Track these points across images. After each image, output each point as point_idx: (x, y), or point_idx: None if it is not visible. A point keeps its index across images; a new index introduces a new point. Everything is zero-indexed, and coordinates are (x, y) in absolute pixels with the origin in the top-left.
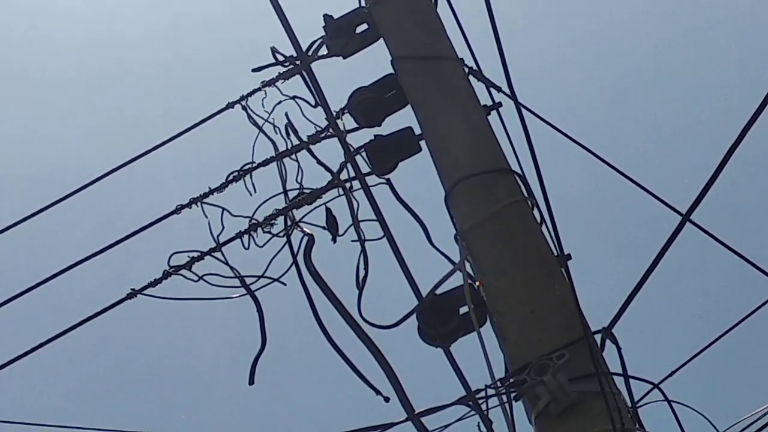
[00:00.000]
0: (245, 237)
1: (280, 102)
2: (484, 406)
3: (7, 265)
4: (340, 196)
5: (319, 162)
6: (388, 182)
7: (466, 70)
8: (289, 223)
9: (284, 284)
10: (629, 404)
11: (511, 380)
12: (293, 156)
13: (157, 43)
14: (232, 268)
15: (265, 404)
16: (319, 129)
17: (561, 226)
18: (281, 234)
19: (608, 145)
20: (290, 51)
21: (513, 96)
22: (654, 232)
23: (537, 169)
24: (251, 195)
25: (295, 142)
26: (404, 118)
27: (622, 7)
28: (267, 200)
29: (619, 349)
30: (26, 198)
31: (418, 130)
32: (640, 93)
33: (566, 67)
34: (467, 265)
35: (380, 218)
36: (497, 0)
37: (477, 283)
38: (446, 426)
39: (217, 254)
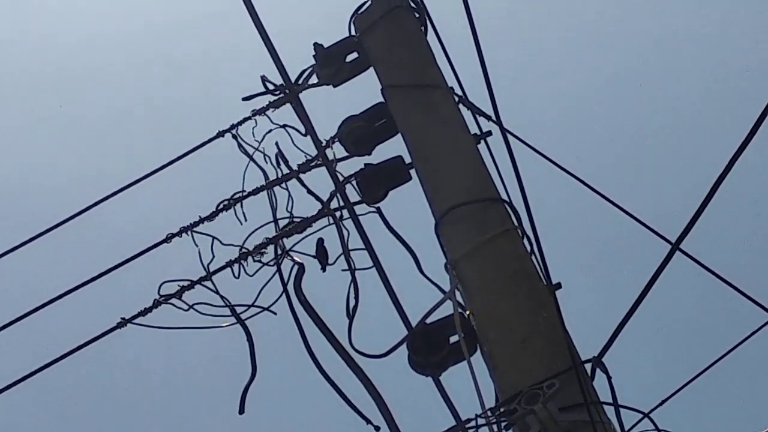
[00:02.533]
0: (235, 266)
1: (270, 131)
2: None
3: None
4: (330, 225)
5: (309, 191)
6: (378, 211)
7: (456, 98)
8: (279, 252)
9: (274, 313)
10: None
11: (502, 409)
12: (283, 185)
13: (147, 70)
14: (222, 297)
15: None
16: (309, 158)
17: (550, 255)
18: (271, 263)
19: (598, 173)
20: (280, 80)
21: (500, 124)
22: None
23: (524, 199)
24: (241, 224)
25: (285, 171)
26: (394, 147)
27: (608, 31)
28: (257, 229)
29: (609, 378)
30: (16, 224)
31: (408, 159)
32: (630, 123)
33: (555, 94)
34: (457, 294)
35: (370, 247)
36: (485, 29)
37: (467, 312)
38: None
39: (208, 283)
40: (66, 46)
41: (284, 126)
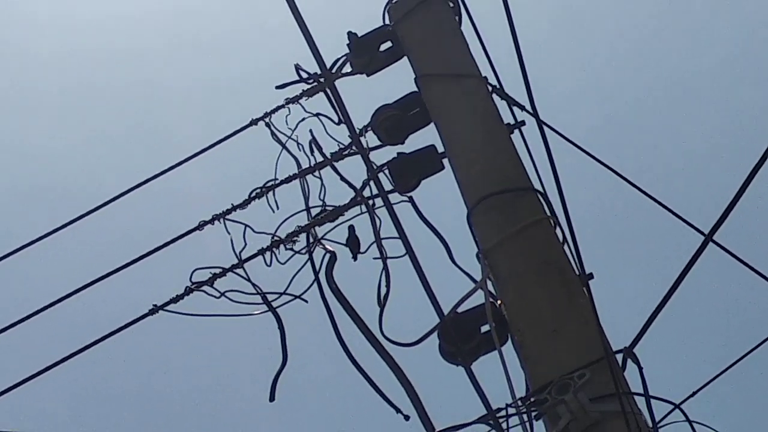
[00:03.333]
0: (267, 254)
1: (303, 119)
2: (504, 425)
3: (32, 279)
4: (362, 213)
5: (342, 179)
6: (411, 200)
7: (490, 88)
8: (311, 240)
9: (306, 301)
10: (650, 425)
11: (532, 399)
12: (316, 173)
13: (181, 57)
14: (254, 284)
15: (285, 421)
16: (342, 146)
17: (583, 245)
18: (303, 251)
19: (631, 163)
20: (314, 68)
21: (535, 114)
22: (677, 251)
23: (559, 188)
24: (274, 212)
25: (319, 159)
26: (427, 136)
27: (648, 26)
28: (289, 217)
29: (640, 369)
30: (49, 212)
31: (441, 148)
32: (664, 111)
33: (590, 85)
34: (489, 283)
35: (402, 236)
36: (520, 18)
37: (498, 302)
38: None
39: (240, 271)
40: (92, 23)
41: (317, 114)
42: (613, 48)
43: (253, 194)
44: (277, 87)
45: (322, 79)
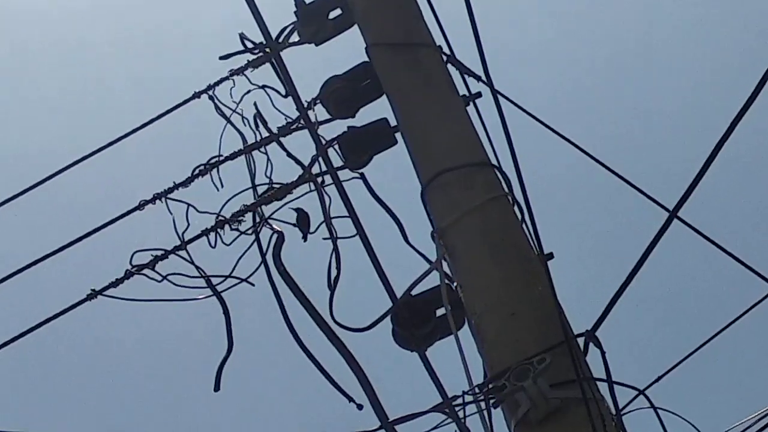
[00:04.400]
0: (212, 234)
1: (249, 91)
2: (461, 413)
3: None
4: (311, 191)
5: (289, 155)
6: (362, 177)
7: (444, 57)
8: (257, 219)
9: (252, 285)
10: (613, 411)
11: (490, 386)
12: (262, 149)
13: (114, 18)
14: (197, 267)
15: (231, 410)
16: (289, 120)
17: (542, 223)
18: (249, 231)
19: (592, 136)
20: (260, 38)
21: (490, 84)
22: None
23: (515, 164)
24: (218, 190)
25: (265, 134)
26: (379, 109)
27: None
28: (235, 196)
29: (602, 353)
30: None
31: (393, 122)
32: (626, 80)
33: (547, 52)
34: (444, 264)
35: (353, 215)
36: None
37: (455, 284)
38: None
39: (182, 253)
40: (31, 14)
41: (263, 87)
42: (572, 11)
43: (197, 171)
44: (221, 58)
45: (267, 50)
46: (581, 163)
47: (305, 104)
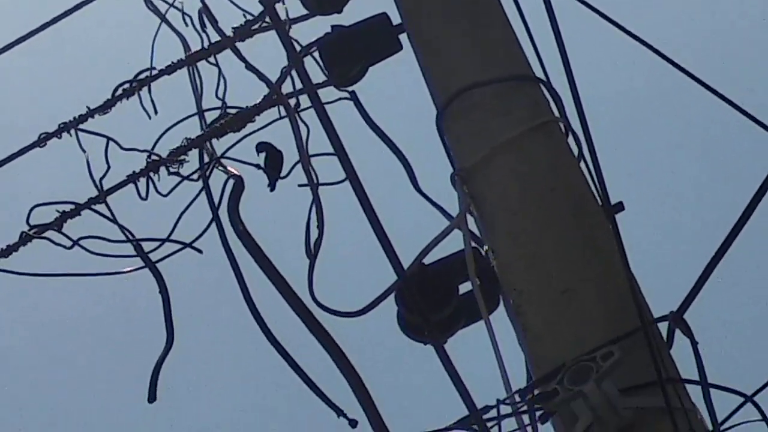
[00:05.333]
0: (142, 180)
1: None
2: (495, 431)
3: None
4: (281, 118)
5: (249, 67)
6: (353, 96)
7: None
8: (206, 159)
9: (199, 251)
10: (710, 426)
11: (536, 392)
12: (212, 58)
13: None
14: (121, 227)
15: (169, 429)
16: (250, 17)
17: (607, 161)
18: (195, 176)
19: (675, 39)
20: None
21: None
22: (744, 171)
23: (569, 77)
24: (150, 118)
25: (215, 37)
26: (376, 1)
27: None
28: (174, 126)
29: (694, 344)
30: None
31: (396, 18)
32: None
33: None
34: (471, 220)
35: (341, 151)
36: None
37: (485, 248)
38: None
39: (100, 207)
40: None
41: None
42: None
43: (120, 91)
44: None
45: None
46: (662, 76)
47: None
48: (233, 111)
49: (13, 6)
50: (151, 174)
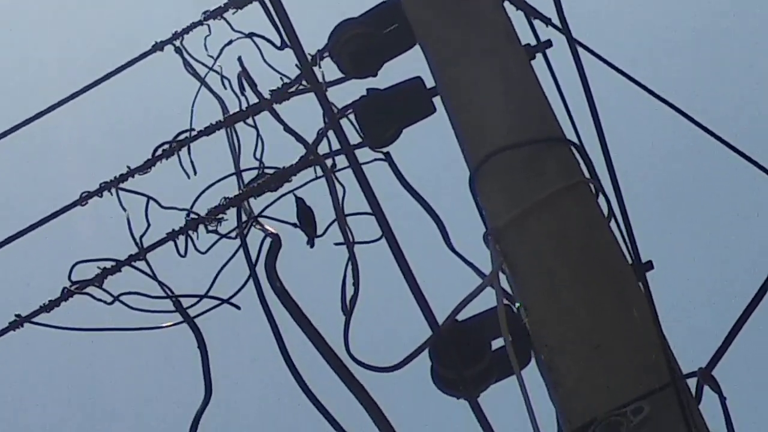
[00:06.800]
0: (181, 238)
1: (230, 42)
2: None
3: None
4: (317, 178)
5: (287, 129)
6: (388, 157)
7: None
8: (244, 218)
9: (237, 307)
10: None
11: None
12: (250, 120)
13: None
14: (161, 283)
15: None
16: (287, 81)
17: (637, 221)
18: (233, 234)
19: (704, 103)
20: None
21: (567, 31)
22: None
23: (601, 138)
24: (189, 178)
25: (254, 99)
26: (411, 65)
27: None
28: (212, 185)
29: (722, 399)
30: None
31: (430, 82)
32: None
33: None
34: (502, 278)
35: (377, 210)
36: None
37: (516, 305)
38: None
39: (140, 264)
40: None
41: (251, 35)
42: None
43: (159, 152)
44: None
45: None
46: (691, 138)
47: (309, 58)
48: (270, 171)
49: (59, 68)
50: (190, 232)
